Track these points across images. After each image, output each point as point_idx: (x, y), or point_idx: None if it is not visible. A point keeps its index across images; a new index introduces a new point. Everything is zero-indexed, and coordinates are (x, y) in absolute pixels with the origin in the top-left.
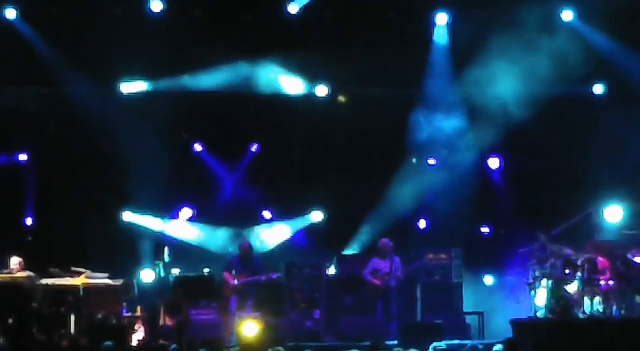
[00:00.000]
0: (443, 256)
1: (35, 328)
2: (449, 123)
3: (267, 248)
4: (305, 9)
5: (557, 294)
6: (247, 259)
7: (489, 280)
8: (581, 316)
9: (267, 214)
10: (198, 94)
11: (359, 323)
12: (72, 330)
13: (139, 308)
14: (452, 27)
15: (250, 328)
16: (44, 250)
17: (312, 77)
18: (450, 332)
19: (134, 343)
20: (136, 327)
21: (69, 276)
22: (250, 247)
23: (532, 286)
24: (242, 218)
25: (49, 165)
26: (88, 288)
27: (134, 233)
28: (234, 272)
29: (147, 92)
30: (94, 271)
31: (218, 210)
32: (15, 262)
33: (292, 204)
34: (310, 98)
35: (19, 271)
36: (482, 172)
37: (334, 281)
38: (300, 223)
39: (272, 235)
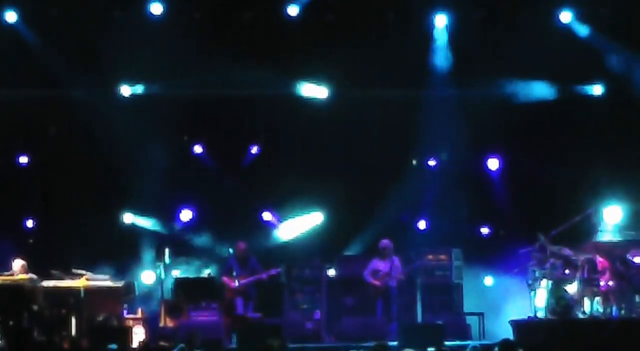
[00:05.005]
0: (443, 256)
1: (36, 330)
2: (448, 124)
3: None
4: (305, 10)
5: (556, 294)
6: (244, 259)
7: (488, 280)
8: (581, 316)
9: (267, 215)
10: (198, 96)
11: (359, 324)
12: (73, 332)
13: (139, 310)
14: (451, 27)
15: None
16: (45, 252)
17: (312, 78)
18: (450, 333)
19: (134, 344)
20: (135, 329)
21: (69, 278)
22: (245, 246)
23: (532, 287)
24: (242, 219)
25: (49, 167)
26: (89, 290)
27: (135, 234)
28: (234, 273)
29: (147, 94)
30: (94, 273)
31: (218, 212)
32: (18, 264)
33: (292, 205)
34: (310, 98)
35: (21, 273)
36: (482, 172)
37: (334, 281)
38: (301, 224)
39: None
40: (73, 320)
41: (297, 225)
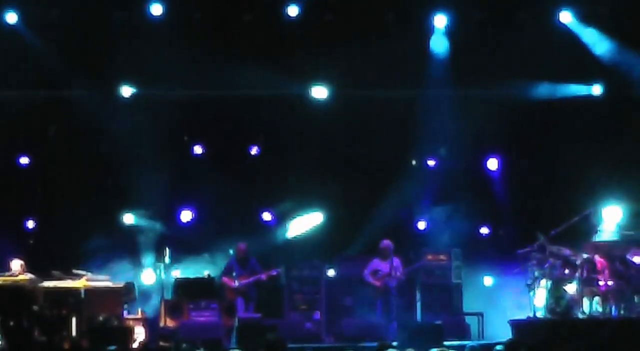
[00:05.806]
0: (442, 257)
1: (36, 330)
2: (447, 124)
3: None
4: (305, 10)
5: (556, 294)
6: (245, 260)
7: (488, 280)
8: (580, 316)
9: (267, 215)
10: (198, 96)
11: (359, 324)
12: (73, 332)
13: (139, 310)
14: (451, 27)
15: None
16: (45, 253)
17: (312, 78)
18: (449, 333)
19: (135, 344)
20: (136, 329)
21: (70, 279)
22: (245, 247)
23: (531, 287)
24: (242, 219)
25: (50, 167)
26: (89, 290)
27: (135, 235)
28: (234, 274)
29: (147, 94)
30: (94, 273)
31: (218, 212)
32: (16, 264)
33: (292, 205)
34: (309, 99)
35: (20, 273)
36: (481, 172)
37: (334, 282)
38: (301, 224)
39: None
40: (73, 321)
41: (297, 225)
